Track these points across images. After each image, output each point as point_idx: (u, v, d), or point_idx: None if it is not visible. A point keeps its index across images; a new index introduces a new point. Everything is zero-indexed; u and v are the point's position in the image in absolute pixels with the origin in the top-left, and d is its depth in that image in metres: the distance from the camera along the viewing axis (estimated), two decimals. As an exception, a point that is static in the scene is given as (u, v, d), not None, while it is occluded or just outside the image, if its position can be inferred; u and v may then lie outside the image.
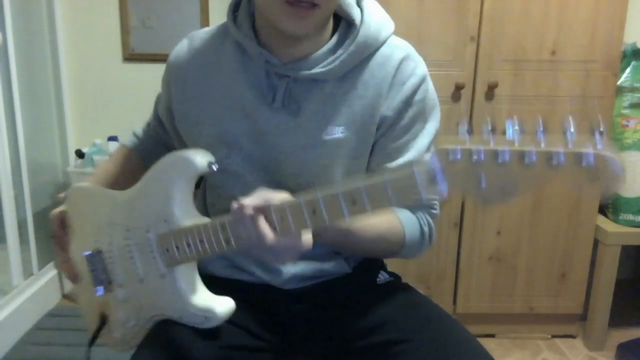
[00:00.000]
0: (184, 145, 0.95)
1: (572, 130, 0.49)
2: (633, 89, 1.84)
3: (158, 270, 0.80)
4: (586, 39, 1.71)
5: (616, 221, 1.87)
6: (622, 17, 1.70)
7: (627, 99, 1.84)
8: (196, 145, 0.89)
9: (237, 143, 0.85)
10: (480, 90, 1.76)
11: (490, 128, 0.52)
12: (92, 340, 0.92)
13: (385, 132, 0.85)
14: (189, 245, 0.76)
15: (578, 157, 0.48)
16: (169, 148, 1.02)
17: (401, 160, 0.85)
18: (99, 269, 0.88)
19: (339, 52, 0.81)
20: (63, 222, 0.93)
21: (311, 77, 0.81)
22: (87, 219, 0.91)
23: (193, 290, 0.80)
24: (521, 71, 1.74)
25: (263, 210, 0.67)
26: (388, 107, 0.83)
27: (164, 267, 0.80)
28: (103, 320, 0.90)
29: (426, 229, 0.88)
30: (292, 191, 0.85)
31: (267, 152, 0.84)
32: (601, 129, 0.48)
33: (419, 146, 0.86)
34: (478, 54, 1.74)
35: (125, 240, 0.84)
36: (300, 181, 0.84)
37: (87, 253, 0.89)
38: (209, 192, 0.95)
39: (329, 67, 0.80)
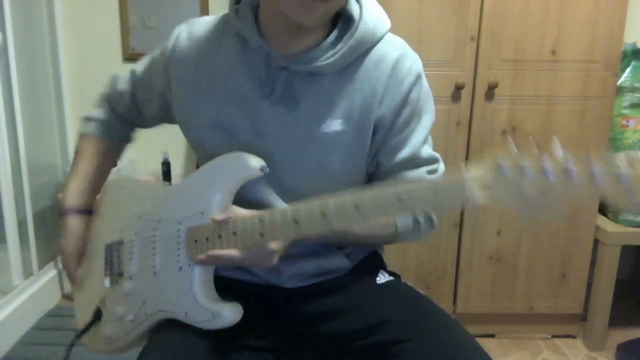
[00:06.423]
0: (156, 121, 1.03)
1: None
2: (633, 89, 1.84)
3: (177, 263, 0.81)
4: (586, 39, 1.72)
5: (616, 221, 1.87)
6: (622, 17, 1.70)
7: (627, 99, 1.84)
8: (193, 132, 0.90)
9: (235, 132, 0.85)
10: (480, 90, 1.76)
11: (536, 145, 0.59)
12: (83, 332, 0.91)
13: (385, 132, 0.86)
14: (220, 236, 0.77)
15: (616, 178, 0.56)
16: (135, 124, 1.08)
17: (399, 157, 0.86)
18: (114, 260, 0.89)
19: (339, 46, 0.82)
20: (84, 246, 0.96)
21: (311, 71, 0.82)
22: (119, 210, 0.93)
23: (206, 288, 0.81)
24: (521, 71, 1.74)
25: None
26: (387, 108, 0.84)
27: (186, 260, 0.81)
28: (97, 315, 0.90)
29: (420, 217, 0.90)
30: (288, 185, 0.86)
31: (263, 143, 0.84)
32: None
33: (415, 142, 0.87)
34: (478, 54, 1.74)
35: (152, 232, 0.85)
36: (295, 174, 0.85)
37: (107, 243, 0.91)
38: None
39: (328, 60, 0.81)
